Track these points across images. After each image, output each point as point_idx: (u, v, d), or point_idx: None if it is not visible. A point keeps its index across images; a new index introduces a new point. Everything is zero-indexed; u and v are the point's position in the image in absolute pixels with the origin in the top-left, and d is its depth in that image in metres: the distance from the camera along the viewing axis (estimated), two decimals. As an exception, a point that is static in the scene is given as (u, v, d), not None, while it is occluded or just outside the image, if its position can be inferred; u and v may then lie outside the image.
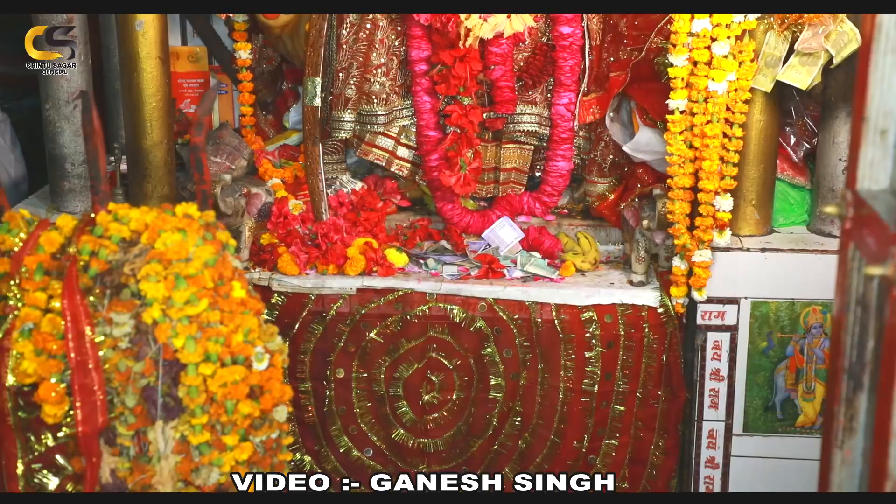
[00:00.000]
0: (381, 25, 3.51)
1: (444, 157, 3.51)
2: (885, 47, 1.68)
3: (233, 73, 3.92)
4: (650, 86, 3.32)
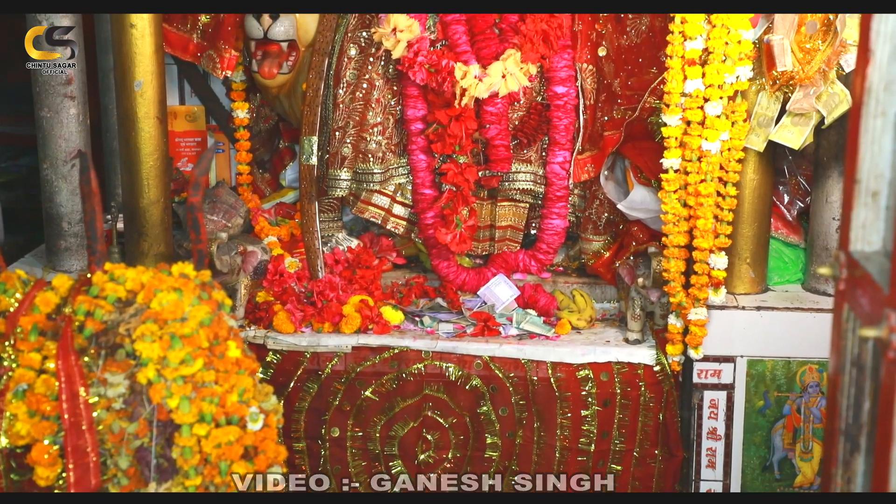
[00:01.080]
0: (378, 85, 3.54)
1: (439, 214, 3.52)
2: (875, 111, 1.70)
3: (230, 133, 3.95)
4: (644, 144, 3.35)
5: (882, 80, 1.68)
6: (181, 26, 3.66)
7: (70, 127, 3.44)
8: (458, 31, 3.43)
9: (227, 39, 3.61)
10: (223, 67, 3.63)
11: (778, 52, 2.95)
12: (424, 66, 3.36)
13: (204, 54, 3.67)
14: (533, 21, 3.37)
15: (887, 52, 1.67)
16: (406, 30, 3.36)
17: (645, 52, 3.43)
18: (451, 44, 3.44)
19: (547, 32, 3.38)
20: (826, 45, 2.97)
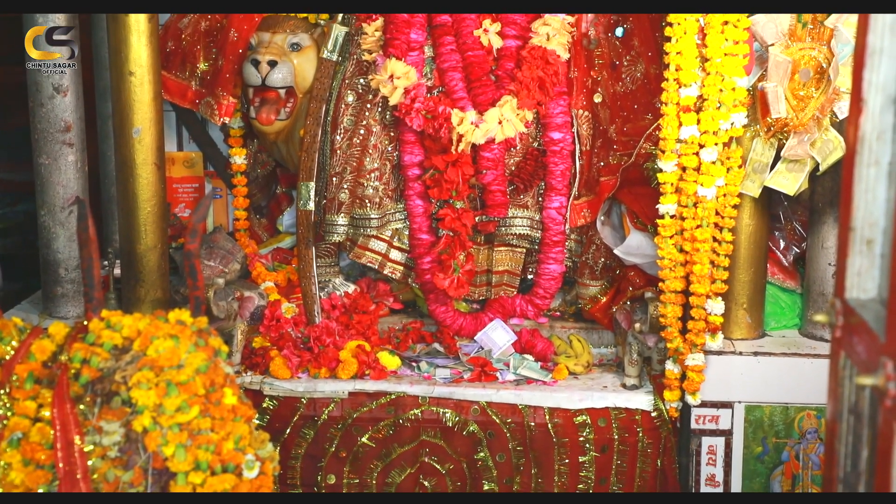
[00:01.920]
0: (375, 131, 3.56)
1: (436, 259, 3.53)
2: (869, 159, 1.71)
3: (228, 178, 3.96)
4: (640, 190, 3.37)
5: (875, 129, 1.70)
6: (180, 73, 3.69)
7: (68, 174, 3.45)
8: (455, 77, 3.46)
9: (225, 86, 3.64)
10: (221, 114, 3.66)
11: (772, 100, 2.98)
12: (421, 113, 3.39)
13: (202, 101, 3.70)
14: (529, 68, 3.40)
15: (879, 102, 1.68)
16: (403, 76, 3.39)
17: (640, 98, 3.46)
18: (447, 90, 3.46)
19: (543, 79, 3.41)
20: (819, 92, 2.99)
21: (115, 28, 3.16)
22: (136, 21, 3.14)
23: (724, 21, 2.99)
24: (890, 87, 1.68)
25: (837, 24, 2.91)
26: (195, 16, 3.68)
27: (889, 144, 1.70)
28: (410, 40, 3.47)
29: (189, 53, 3.69)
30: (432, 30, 3.50)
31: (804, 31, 2.98)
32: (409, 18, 3.45)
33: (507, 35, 3.49)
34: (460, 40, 3.48)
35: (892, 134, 1.69)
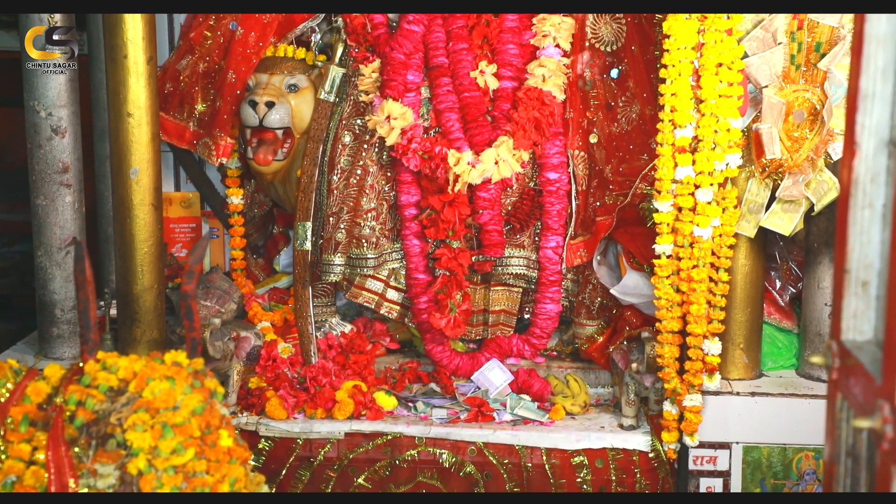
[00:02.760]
0: (372, 171, 3.58)
1: (433, 299, 3.53)
2: (863, 202, 1.72)
3: (224, 218, 3.97)
4: (636, 230, 3.38)
5: (868, 172, 1.71)
6: (178, 114, 3.71)
7: (65, 214, 3.46)
8: (452, 118, 3.48)
9: (222, 127, 3.66)
10: (219, 154, 3.67)
11: (766, 141, 2.99)
12: (418, 153, 3.40)
13: (200, 142, 3.71)
14: (525, 109, 3.43)
15: (872, 145, 1.69)
16: (400, 117, 3.41)
17: (636, 139, 3.48)
18: (444, 131, 3.48)
19: (539, 120, 3.43)
20: (814, 133, 3.01)
21: (114, 70, 3.18)
22: (134, 63, 3.16)
23: (718, 63, 3.02)
24: (883, 130, 1.69)
25: (830, 66, 2.93)
26: (194, 57, 3.71)
27: (883, 187, 1.70)
28: (407, 81, 3.49)
29: (187, 95, 3.71)
30: (429, 71, 3.53)
31: (797, 74, 3.01)
32: (406, 60, 3.48)
33: (503, 76, 3.52)
34: (457, 81, 3.51)
35: (885, 177, 1.70)
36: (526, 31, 3.54)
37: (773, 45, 2.99)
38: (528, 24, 3.53)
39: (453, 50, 3.51)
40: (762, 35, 3.00)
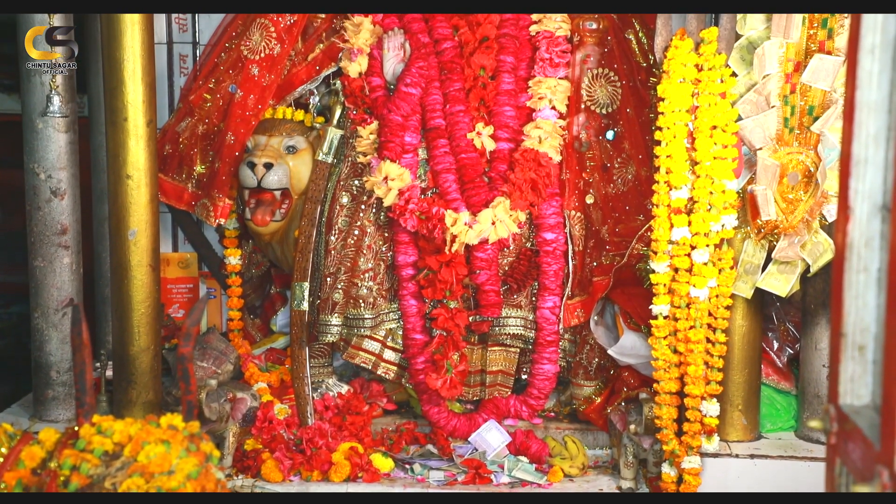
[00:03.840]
0: (369, 232, 3.59)
1: (430, 360, 3.52)
2: (858, 266, 1.73)
3: (222, 279, 3.97)
4: (633, 290, 3.38)
5: (863, 236, 1.72)
6: (177, 176, 3.73)
7: (63, 276, 3.46)
8: (449, 179, 3.50)
9: (221, 188, 3.68)
10: (217, 216, 3.69)
11: (761, 202, 3.01)
12: (415, 213, 3.42)
13: (198, 203, 3.73)
14: (521, 170, 3.45)
15: (866, 210, 1.71)
16: (397, 178, 3.44)
17: (631, 199, 3.50)
18: (441, 192, 3.50)
19: (535, 181, 3.45)
20: (808, 195, 3.03)
21: (114, 132, 3.20)
22: (134, 125, 3.19)
23: (712, 125, 3.05)
24: (876, 195, 1.71)
25: (823, 129, 2.96)
26: (193, 119, 3.74)
27: (877, 251, 1.71)
28: (405, 143, 3.52)
29: (186, 156, 3.74)
30: (426, 132, 3.56)
31: (791, 136, 3.04)
32: (404, 121, 3.51)
33: (499, 137, 3.55)
34: (454, 143, 3.54)
35: (879, 241, 1.71)
36: (522, 93, 3.58)
37: (766, 109, 3.03)
38: (524, 87, 3.58)
39: (450, 112, 3.55)
40: (755, 98, 3.03)
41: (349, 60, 3.59)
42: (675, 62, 3.10)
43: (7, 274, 3.57)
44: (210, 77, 3.75)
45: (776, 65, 2.98)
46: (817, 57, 2.93)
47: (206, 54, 3.85)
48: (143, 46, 3.20)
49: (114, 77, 3.17)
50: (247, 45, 3.70)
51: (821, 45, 2.95)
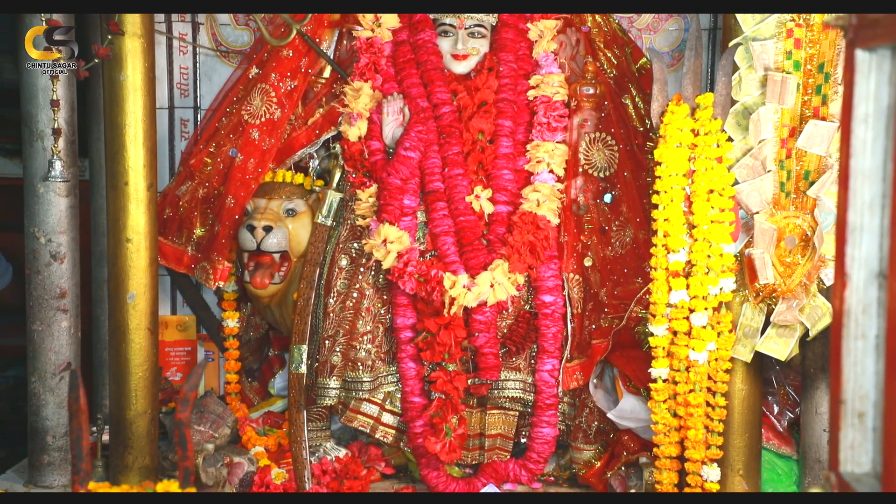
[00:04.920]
0: (368, 294, 3.59)
1: (428, 423, 3.50)
2: (856, 332, 1.73)
3: (220, 341, 3.96)
4: (632, 353, 3.38)
5: (860, 303, 1.72)
6: (176, 239, 3.75)
7: (61, 340, 3.45)
8: (447, 241, 3.51)
9: (220, 251, 3.69)
10: (216, 278, 3.69)
11: (759, 266, 3.02)
12: (414, 276, 3.42)
13: (198, 266, 3.74)
14: (520, 232, 3.46)
15: (863, 277, 1.71)
16: (396, 241, 3.45)
17: (630, 262, 3.51)
18: (440, 254, 3.51)
19: (534, 243, 3.46)
20: (806, 259, 3.04)
21: (115, 196, 3.22)
22: (135, 189, 3.21)
23: (709, 189, 3.07)
24: (872, 262, 1.71)
25: (819, 194, 2.98)
26: (193, 183, 3.76)
27: (875, 318, 1.72)
28: (403, 206, 3.54)
29: (186, 219, 3.75)
30: (425, 195, 3.58)
31: (788, 200, 3.05)
32: (402, 185, 3.53)
33: (498, 201, 3.56)
34: (452, 206, 3.55)
35: (877, 308, 1.71)
36: (520, 156, 3.60)
37: (762, 173, 3.05)
38: (522, 151, 3.60)
39: (449, 175, 3.57)
40: (752, 163, 3.06)
41: (349, 125, 3.62)
42: (672, 127, 3.13)
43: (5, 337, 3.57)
44: (211, 141, 3.78)
45: (771, 130, 3.01)
46: (812, 123, 2.96)
47: (207, 119, 3.88)
48: (144, 112, 3.23)
49: (115, 142, 3.20)
50: (247, 109, 3.74)
51: (815, 111, 2.98)
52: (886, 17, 1.58)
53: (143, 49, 3.26)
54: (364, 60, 3.64)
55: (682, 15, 3.82)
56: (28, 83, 3.32)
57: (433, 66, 3.59)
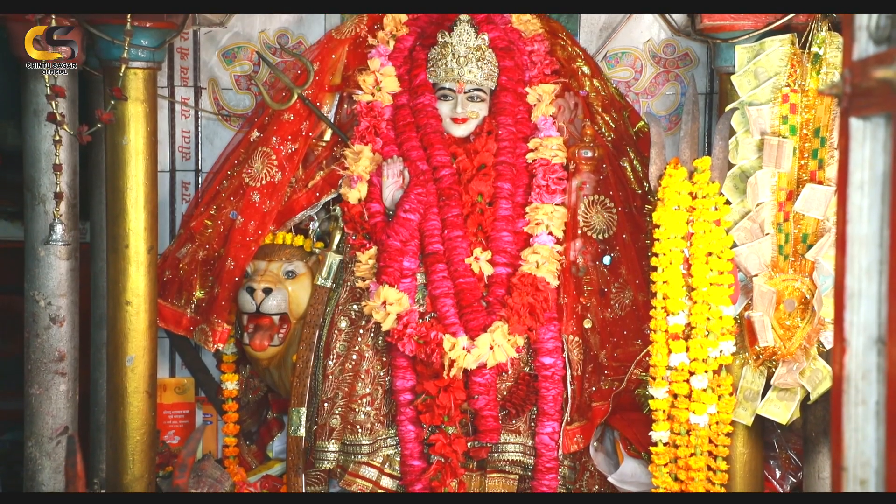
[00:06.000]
0: (367, 356, 3.59)
1: (428, 487, 3.47)
2: (856, 399, 1.72)
3: (218, 404, 3.94)
4: (632, 416, 3.36)
5: (859, 368, 1.72)
6: (176, 301, 3.74)
7: (58, 403, 3.43)
8: (447, 303, 3.51)
9: (220, 313, 3.68)
10: (215, 341, 3.68)
11: (759, 329, 3.02)
12: (413, 338, 3.42)
13: (197, 328, 3.73)
14: (519, 294, 3.46)
15: (862, 343, 1.71)
16: (396, 303, 3.45)
17: (629, 324, 3.51)
18: (439, 316, 3.51)
19: (533, 305, 3.46)
20: (805, 322, 3.04)
21: (115, 259, 3.23)
22: (135, 252, 3.22)
23: (708, 252, 3.08)
24: (871, 328, 1.71)
25: (818, 257, 2.99)
26: (194, 245, 3.77)
27: (875, 384, 1.71)
28: (403, 268, 3.54)
29: (186, 282, 3.75)
30: (425, 257, 3.59)
31: (786, 263, 3.06)
32: (402, 247, 3.54)
33: (497, 262, 3.57)
34: (452, 267, 3.56)
35: (877, 374, 1.71)
36: (519, 218, 3.62)
37: (760, 236, 3.06)
38: (521, 213, 3.62)
39: (448, 237, 3.58)
40: (750, 226, 3.07)
41: (349, 187, 3.64)
42: (670, 190, 3.15)
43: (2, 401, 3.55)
44: (212, 204, 3.80)
45: (769, 193, 3.03)
46: (809, 187, 2.98)
47: (208, 181, 3.91)
48: (146, 175, 3.26)
49: (117, 205, 3.22)
50: (248, 172, 3.76)
51: (812, 175, 3.00)
52: (879, 87, 1.60)
53: (146, 114, 3.30)
54: (364, 124, 3.67)
55: (678, 79, 3.87)
56: (31, 147, 3.35)
57: (433, 129, 3.62)
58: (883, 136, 1.68)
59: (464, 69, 3.56)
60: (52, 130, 3.22)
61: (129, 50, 3.21)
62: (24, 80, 3.35)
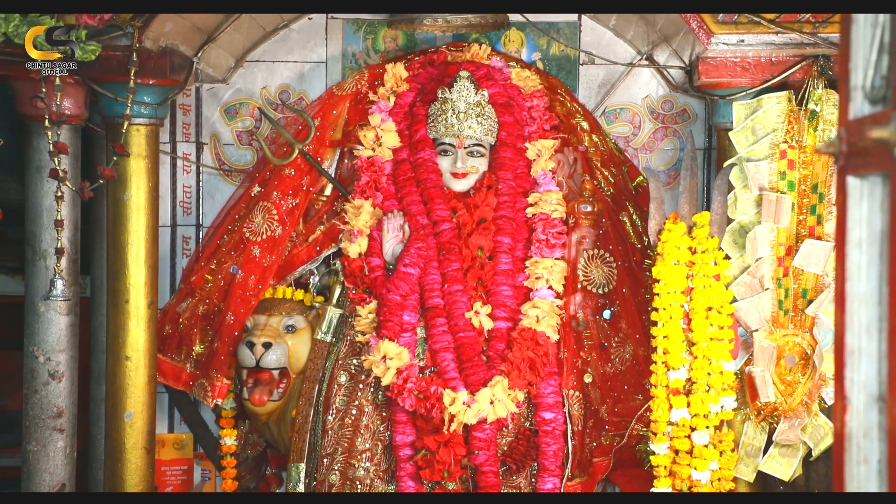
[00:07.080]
0: (367, 411, 3.57)
1: (427, 543, 3.44)
2: (858, 457, 1.71)
3: (217, 460, 3.91)
4: (634, 472, 3.34)
5: (861, 427, 1.71)
6: (175, 356, 3.74)
7: (56, 460, 3.40)
8: (447, 358, 3.51)
9: (219, 368, 3.67)
10: (214, 396, 3.67)
11: (760, 384, 3.01)
12: (413, 393, 3.41)
13: (196, 383, 3.72)
14: (519, 349, 3.46)
15: (863, 401, 1.71)
16: (396, 357, 3.44)
17: (630, 379, 3.50)
18: (439, 370, 3.50)
19: (533, 360, 3.45)
20: (806, 378, 3.04)
21: (115, 314, 3.23)
22: (135, 307, 3.22)
23: (708, 307, 3.08)
24: (872, 386, 1.71)
25: (818, 312, 3.00)
26: (194, 300, 3.77)
27: (876, 442, 1.70)
28: (403, 322, 3.54)
29: (186, 337, 3.75)
30: (424, 312, 3.58)
31: (786, 318, 3.06)
32: (402, 301, 3.54)
33: (497, 317, 3.57)
34: (452, 322, 3.55)
35: (878, 432, 1.70)
36: (519, 273, 3.62)
37: (760, 291, 3.07)
38: (521, 267, 3.62)
39: (448, 291, 3.58)
40: (749, 281, 3.08)
41: (349, 241, 3.65)
42: (669, 245, 3.16)
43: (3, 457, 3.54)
44: (212, 258, 3.81)
45: (768, 248, 3.04)
46: (808, 242, 2.99)
47: (208, 236, 3.92)
48: (147, 230, 3.27)
49: (117, 260, 3.23)
50: (249, 227, 3.77)
51: (811, 230, 3.01)
52: (876, 146, 1.61)
53: (148, 169, 3.32)
54: (365, 178, 3.69)
55: (677, 134, 3.90)
56: (33, 203, 3.37)
57: (433, 183, 3.64)
58: (880, 195, 1.69)
59: (464, 125, 3.58)
60: (55, 186, 3.24)
61: (132, 107, 3.24)
62: (27, 136, 3.37)
